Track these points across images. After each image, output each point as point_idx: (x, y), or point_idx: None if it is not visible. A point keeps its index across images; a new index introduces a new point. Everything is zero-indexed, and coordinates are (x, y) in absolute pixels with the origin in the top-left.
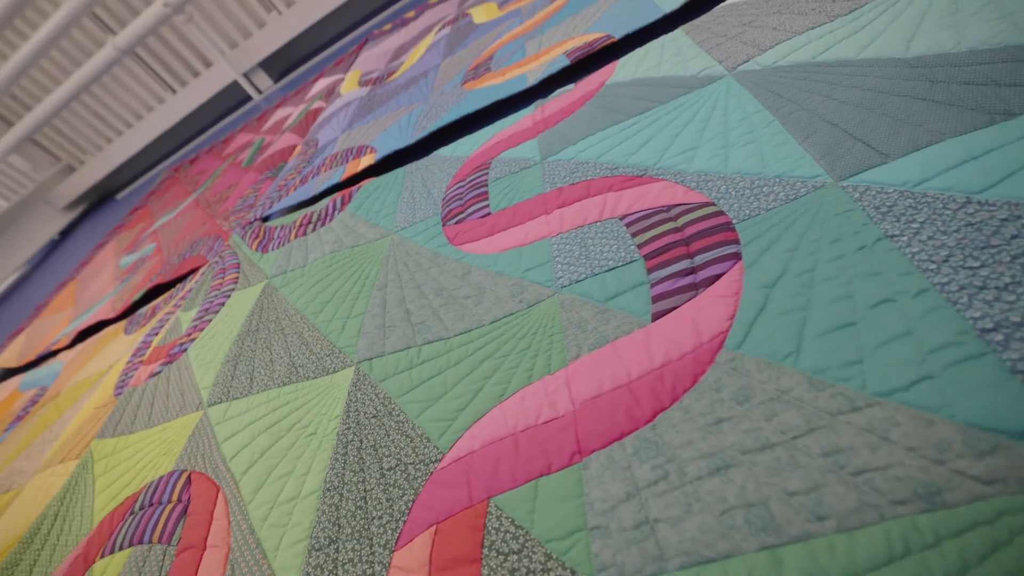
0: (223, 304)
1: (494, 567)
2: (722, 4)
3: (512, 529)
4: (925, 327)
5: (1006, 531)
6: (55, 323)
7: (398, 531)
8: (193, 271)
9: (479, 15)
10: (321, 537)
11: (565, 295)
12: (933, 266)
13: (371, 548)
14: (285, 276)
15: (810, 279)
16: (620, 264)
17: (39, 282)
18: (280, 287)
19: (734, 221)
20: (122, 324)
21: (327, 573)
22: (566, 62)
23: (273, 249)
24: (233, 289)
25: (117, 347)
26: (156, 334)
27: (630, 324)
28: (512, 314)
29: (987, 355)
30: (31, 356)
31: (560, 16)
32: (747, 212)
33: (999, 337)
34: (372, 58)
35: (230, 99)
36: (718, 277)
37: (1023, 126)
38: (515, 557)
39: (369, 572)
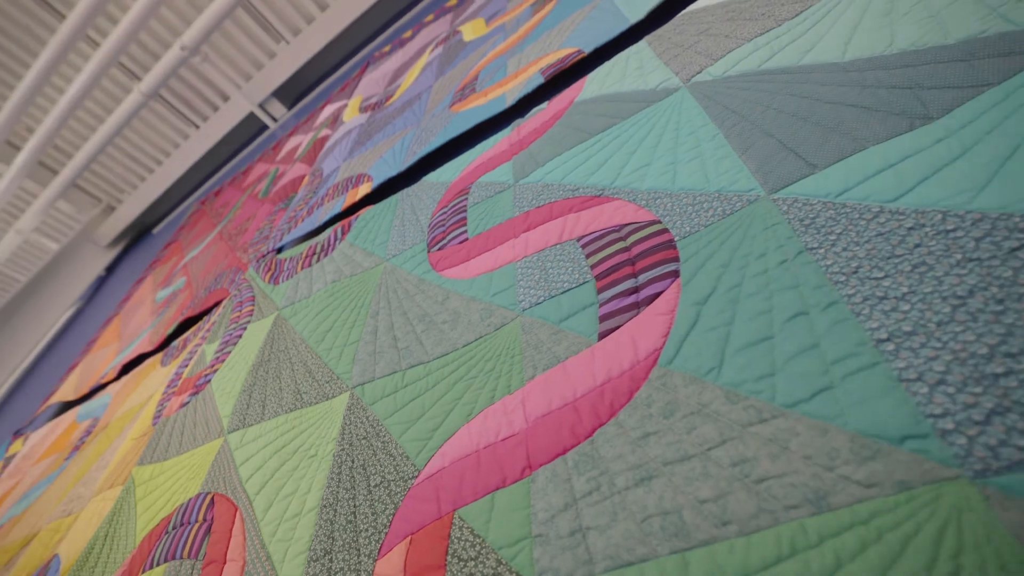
0: (240, 336)
1: (455, 572)
2: (683, 12)
3: (471, 538)
4: (830, 339)
5: (876, 530)
6: (104, 357)
7: (380, 542)
8: (217, 304)
9: (468, 32)
10: (318, 549)
11: (526, 318)
12: (843, 278)
13: (358, 558)
14: (293, 307)
15: (737, 295)
16: (574, 286)
17: (91, 317)
18: (289, 318)
19: (676, 238)
20: (159, 356)
21: None
22: (541, 80)
23: (283, 281)
24: (249, 321)
25: (155, 379)
26: (186, 366)
27: (579, 344)
28: (481, 337)
29: (879, 365)
30: (85, 389)
31: (539, 31)
32: (688, 229)
33: (891, 347)
34: (372, 82)
35: (248, 129)
36: (658, 295)
37: (938, 131)
38: (472, 563)
39: None
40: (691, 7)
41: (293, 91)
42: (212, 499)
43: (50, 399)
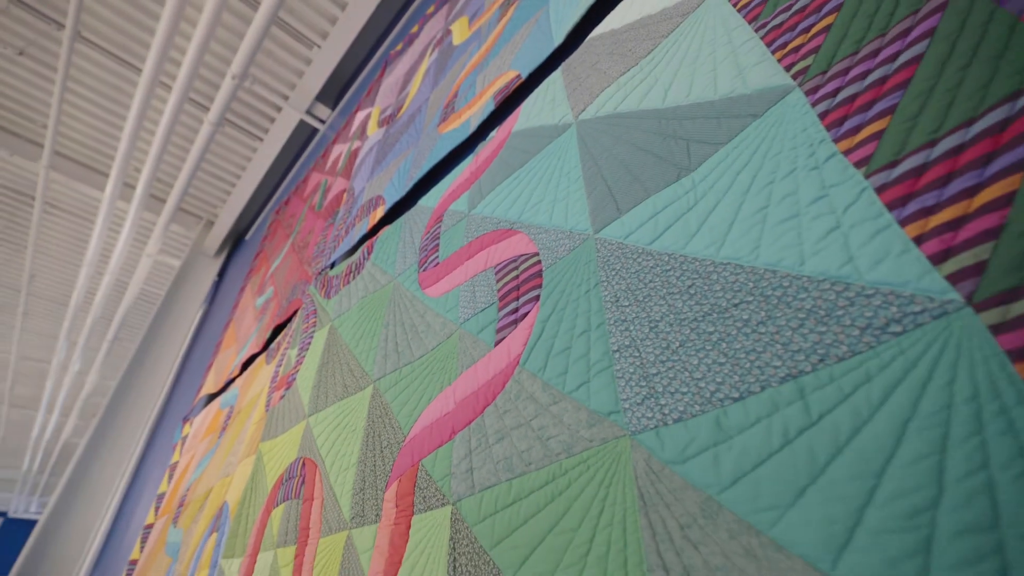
0: (310, 343)
1: (416, 496)
2: (588, 37)
3: (426, 477)
4: (594, 350)
5: (587, 465)
6: (228, 357)
7: (386, 482)
8: (295, 313)
9: (457, 34)
10: (356, 487)
11: (462, 330)
12: (610, 305)
13: (375, 492)
14: (341, 319)
15: (562, 315)
16: (487, 306)
17: (215, 318)
18: (338, 327)
19: (544, 268)
20: (264, 356)
21: (359, 505)
22: (493, 107)
23: (333, 296)
24: (314, 330)
25: (263, 374)
26: (280, 365)
27: (484, 350)
28: (439, 344)
29: (611, 367)
30: (221, 383)
31: (500, 43)
32: (551, 260)
33: (618, 355)
34: (388, 90)
35: (302, 135)
36: (527, 314)
37: (687, 184)
38: (424, 490)
39: (374, 504)
40: (593, 32)
41: (333, 90)
42: (304, 462)
43: (200, 391)
